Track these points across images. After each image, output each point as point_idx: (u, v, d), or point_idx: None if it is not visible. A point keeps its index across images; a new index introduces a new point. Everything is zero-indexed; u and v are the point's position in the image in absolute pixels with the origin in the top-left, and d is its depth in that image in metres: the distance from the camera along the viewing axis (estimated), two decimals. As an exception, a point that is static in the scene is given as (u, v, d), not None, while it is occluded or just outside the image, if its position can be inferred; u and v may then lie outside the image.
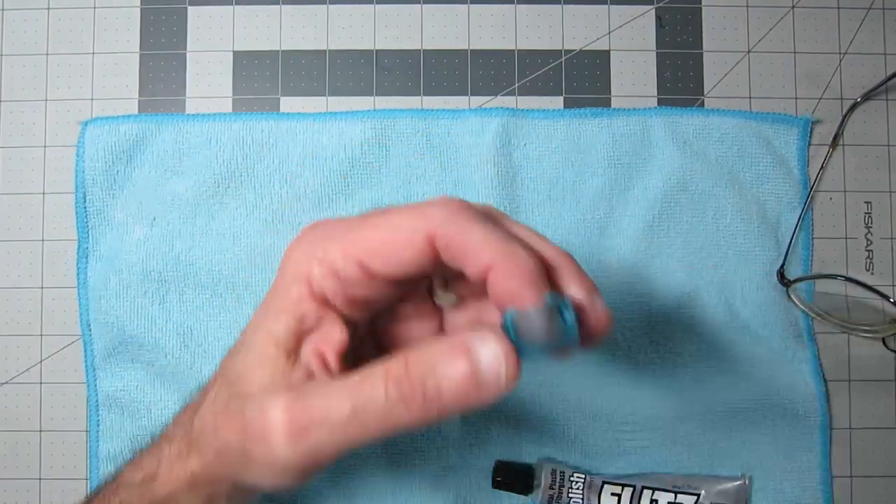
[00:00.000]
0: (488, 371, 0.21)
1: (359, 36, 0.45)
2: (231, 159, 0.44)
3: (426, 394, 0.21)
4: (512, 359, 0.22)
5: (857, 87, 0.45)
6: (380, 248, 0.24)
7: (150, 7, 0.45)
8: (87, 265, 0.44)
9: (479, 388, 0.22)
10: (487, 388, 0.22)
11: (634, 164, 0.44)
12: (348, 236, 0.24)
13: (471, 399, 0.22)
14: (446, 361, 0.22)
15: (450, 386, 0.21)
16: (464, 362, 0.22)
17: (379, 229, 0.24)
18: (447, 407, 0.22)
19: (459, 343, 0.22)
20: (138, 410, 0.43)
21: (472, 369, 0.21)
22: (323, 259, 0.24)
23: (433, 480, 0.43)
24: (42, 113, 0.45)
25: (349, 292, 0.24)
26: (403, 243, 0.23)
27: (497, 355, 0.22)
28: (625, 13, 0.45)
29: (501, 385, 0.22)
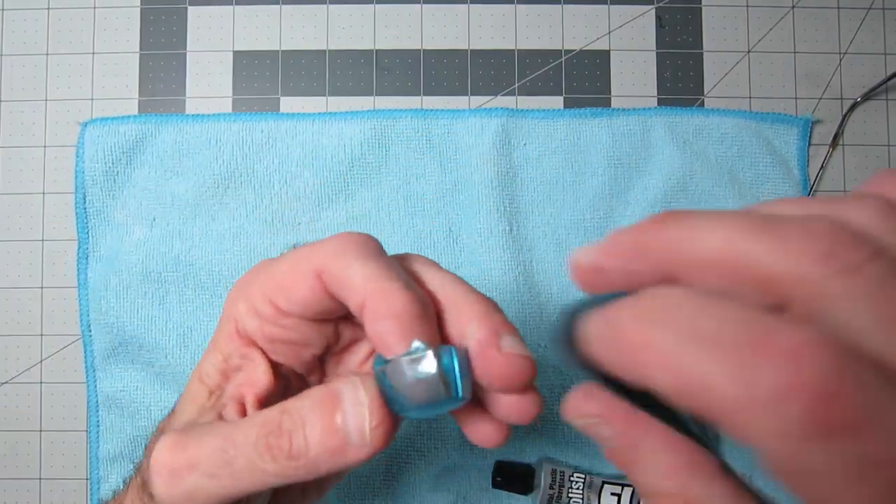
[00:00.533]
0: (352, 426, 0.20)
1: (359, 36, 0.45)
2: (231, 159, 0.44)
3: (292, 448, 0.20)
4: (378, 412, 0.20)
5: (857, 87, 0.45)
6: (281, 286, 0.23)
7: (150, 7, 0.45)
8: (87, 265, 0.44)
9: (345, 444, 0.20)
10: (353, 445, 0.20)
11: (634, 164, 0.44)
12: (262, 276, 0.24)
13: (338, 458, 0.20)
14: (315, 412, 0.20)
15: (316, 441, 0.20)
16: (329, 415, 0.20)
17: (281, 267, 0.23)
18: (316, 463, 0.20)
19: (331, 392, 0.20)
20: (138, 410, 0.43)
21: (338, 424, 0.20)
22: (247, 298, 0.24)
23: (433, 480, 0.43)
24: (42, 113, 0.45)
25: (267, 331, 0.24)
26: (299, 280, 0.22)
27: (360, 407, 0.20)
28: (625, 13, 0.45)
29: (366, 443, 0.20)
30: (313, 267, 0.22)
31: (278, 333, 0.24)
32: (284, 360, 0.25)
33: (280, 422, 0.21)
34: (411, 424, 0.43)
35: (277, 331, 0.24)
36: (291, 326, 0.23)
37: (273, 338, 0.24)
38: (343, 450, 0.20)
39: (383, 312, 0.20)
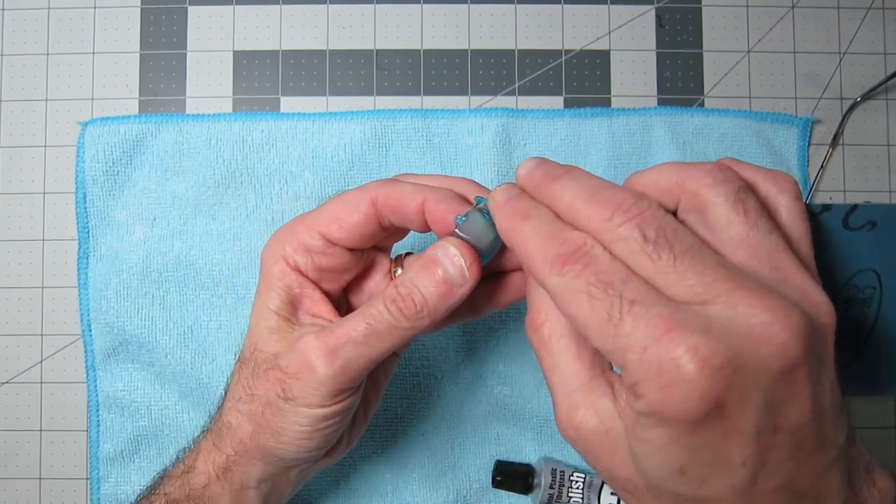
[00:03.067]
0: (454, 272, 0.27)
1: (359, 36, 0.45)
2: (231, 159, 0.44)
3: (416, 303, 0.27)
4: (469, 254, 0.27)
5: (856, 87, 0.45)
6: (334, 217, 0.29)
7: (150, 7, 0.45)
8: (87, 265, 0.44)
9: (452, 286, 0.27)
10: (458, 284, 0.27)
11: (634, 164, 0.44)
12: (310, 216, 0.30)
13: (450, 296, 0.27)
14: (422, 275, 0.27)
15: (431, 293, 0.27)
16: (434, 272, 0.27)
17: (333, 204, 0.30)
18: (436, 309, 0.27)
19: (428, 258, 0.27)
20: (138, 410, 0.43)
21: (443, 275, 0.27)
22: (293, 239, 0.30)
23: (434, 479, 0.43)
24: (42, 113, 0.45)
25: (317, 262, 0.30)
26: (351, 209, 0.29)
27: (456, 257, 0.27)
28: (625, 13, 0.45)
29: (467, 278, 0.27)
30: (369, 195, 0.29)
31: (326, 262, 0.30)
32: (327, 286, 0.31)
33: (399, 292, 0.27)
34: (412, 421, 0.43)
35: (326, 260, 0.30)
36: (337, 254, 0.30)
37: (322, 267, 0.30)
38: (452, 291, 0.27)
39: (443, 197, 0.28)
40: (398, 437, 0.43)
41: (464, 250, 0.27)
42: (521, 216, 0.24)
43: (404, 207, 0.29)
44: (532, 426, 0.43)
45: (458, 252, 0.27)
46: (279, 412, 0.29)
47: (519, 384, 0.43)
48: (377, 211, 0.29)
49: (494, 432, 0.44)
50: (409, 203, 0.29)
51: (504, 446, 0.44)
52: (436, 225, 0.29)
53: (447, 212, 0.28)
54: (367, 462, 0.43)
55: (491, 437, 0.44)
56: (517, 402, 0.44)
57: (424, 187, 0.29)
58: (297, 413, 0.29)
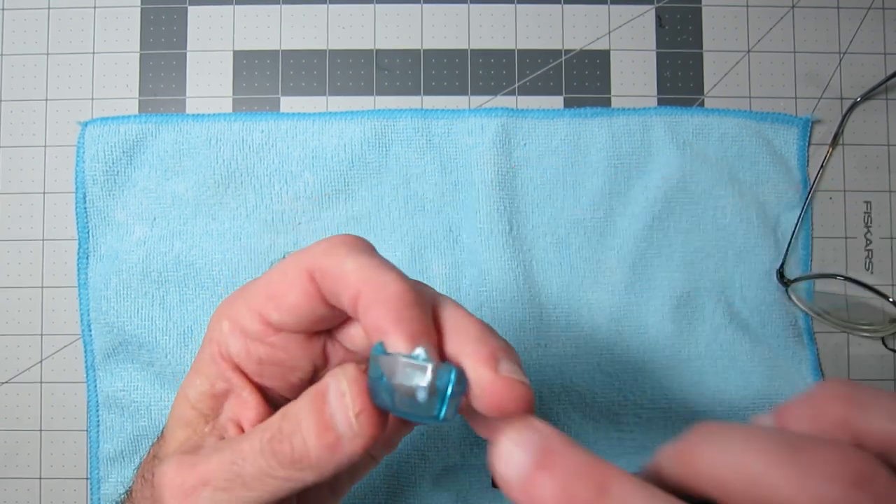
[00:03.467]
0: (339, 418, 0.19)
1: (359, 35, 0.45)
2: (231, 159, 0.44)
3: (294, 452, 0.20)
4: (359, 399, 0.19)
5: (856, 87, 0.45)
6: (270, 294, 0.22)
7: (150, 7, 0.45)
8: (87, 265, 0.44)
9: (337, 439, 0.19)
10: (345, 437, 0.19)
11: (634, 164, 0.44)
12: (247, 291, 0.23)
13: (337, 453, 0.20)
14: (308, 412, 0.20)
15: (312, 441, 0.20)
16: (320, 412, 0.20)
17: (270, 276, 0.23)
18: (319, 462, 0.20)
19: (320, 388, 0.20)
20: (138, 410, 0.43)
21: (327, 419, 0.19)
22: (231, 316, 0.23)
23: (433, 480, 0.43)
24: (42, 113, 0.45)
25: (254, 351, 0.23)
26: (289, 285, 0.22)
27: (343, 397, 0.19)
28: (625, 13, 0.45)
29: (356, 433, 0.19)
30: (305, 267, 0.21)
31: (266, 353, 0.23)
32: (271, 383, 0.24)
33: (280, 427, 0.20)
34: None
35: (265, 350, 0.23)
36: (280, 345, 0.23)
37: (260, 358, 0.23)
38: (338, 444, 0.19)
39: (380, 298, 0.19)
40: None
41: (355, 390, 0.19)
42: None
43: (338, 294, 0.21)
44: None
45: (346, 389, 0.19)
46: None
47: None
48: (317, 286, 0.21)
49: (494, 432, 0.44)
50: (343, 290, 0.20)
51: (504, 446, 0.44)
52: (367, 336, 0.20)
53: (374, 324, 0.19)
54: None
55: (491, 437, 0.44)
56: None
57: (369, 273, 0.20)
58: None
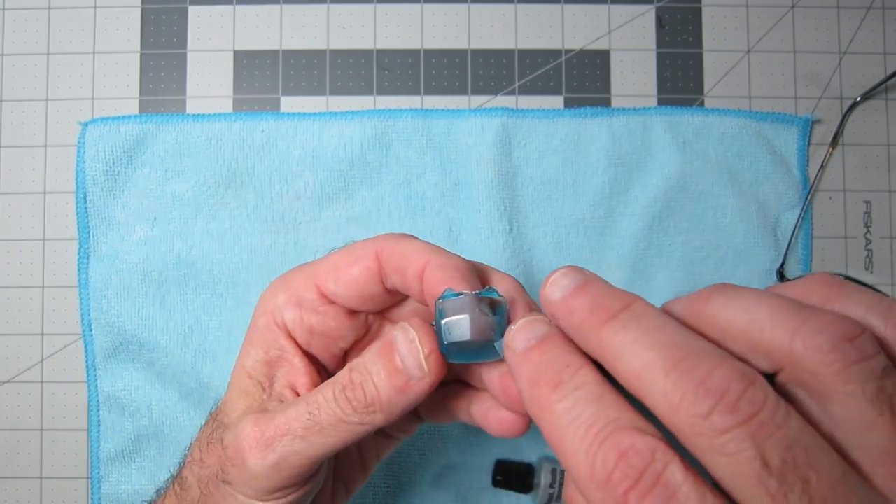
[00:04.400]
0: (410, 362, 0.22)
1: (359, 35, 0.45)
2: (231, 159, 0.44)
3: (367, 395, 0.23)
4: (428, 342, 0.22)
5: (856, 87, 0.45)
6: (332, 267, 0.25)
7: (150, 7, 0.45)
8: (87, 265, 0.44)
9: (408, 379, 0.22)
10: (415, 379, 0.22)
11: (634, 164, 0.44)
12: (312, 266, 0.26)
13: (406, 391, 0.22)
14: (377, 361, 0.23)
15: (384, 385, 0.22)
16: (389, 359, 0.22)
17: (337, 254, 0.26)
18: (390, 404, 0.23)
19: (387, 340, 0.23)
20: (139, 410, 0.43)
21: (398, 364, 0.22)
22: (286, 289, 0.26)
23: (433, 479, 0.43)
24: (42, 113, 0.45)
25: (307, 321, 0.26)
26: (352, 260, 0.25)
27: (412, 343, 0.22)
28: (625, 13, 0.45)
29: (425, 372, 0.22)
30: (374, 247, 0.25)
31: (317, 322, 0.26)
32: (317, 352, 0.27)
33: (350, 378, 0.23)
34: (411, 424, 0.44)
35: (317, 319, 0.26)
36: (332, 315, 0.26)
37: (311, 327, 0.26)
38: (408, 385, 0.22)
39: (448, 265, 0.23)
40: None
41: (424, 336, 0.22)
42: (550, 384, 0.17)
43: (405, 268, 0.24)
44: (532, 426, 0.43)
45: (416, 336, 0.22)
46: (218, 490, 0.25)
47: None
48: (380, 267, 0.25)
49: (494, 432, 0.44)
50: (411, 263, 0.24)
51: (504, 446, 0.44)
52: (429, 295, 0.23)
53: (442, 282, 0.23)
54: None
55: (491, 437, 0.44)
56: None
57: (435, 250, 0.24)
58: (235, 499, 0.25)
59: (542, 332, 0.18)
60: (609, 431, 0.15)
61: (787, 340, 0.16)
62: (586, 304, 0.17)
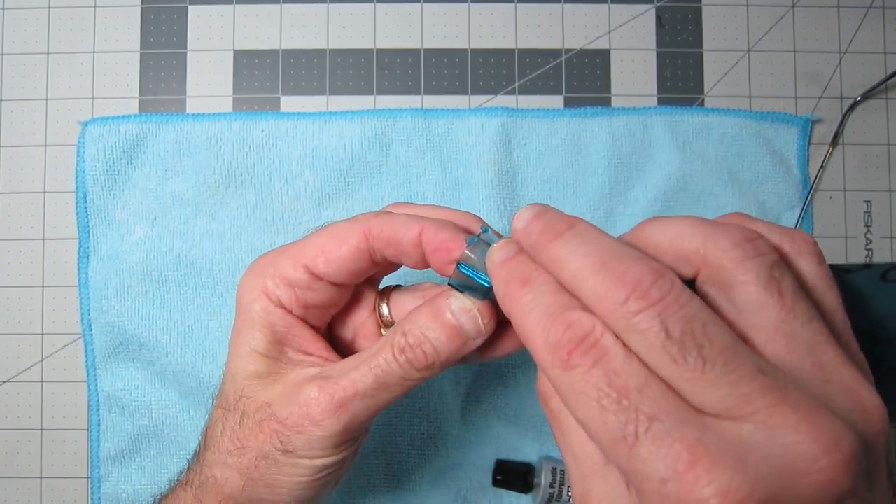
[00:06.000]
0: (470, 328, 0.26)
1: (359, 35, 0.45)
2: (231, 159, 0.44)
3: (427, 355, 0.26)
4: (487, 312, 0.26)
5: (857, 86, 0.45)
6: (320, 250, 0.27)
7: (150, 6, 0.45)
8: (87, 264, 0.44)
9: (466, 339, 0.26)
10: (471, 338, 0.26)
11: (634, 163, 0.44)
12: (294, 248, 0.28)
13: (463, 349, 0.26)
14: (433, 326, 0.26)
15: (443, 344, 0.26)
16: (445, 324, 0.26)
17: (320, 236, 0.28)
18: (448, 360, 0.26)
19: (440, 309, 0.26)
20: (139, 409, 0.43)
21: (456, 329, 0.26)
22: (274, 273, 0.28)
23: (433, 479, 0.43)
24: (42, 112, 0.45)
25: (301, 298, 0.28)
26: (340, 241, 0.27)
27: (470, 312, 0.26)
28: (625, 12, 0.45)
29: (482, 333, 0.26)
30: (360, 227, 0.27)
31: (312, 298, 0.28)
32: (312, 320, 0.29)
33: (407, 342, 0.26)
34: (412, 421, 0.43)
35: (311, 295, 0.28)
36: (323, 290, 0.28)
37: (307, 303, 0.28)
38: (465, 344, 0.26)
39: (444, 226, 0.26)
40: (397, 436, 0.44)
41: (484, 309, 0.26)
42: (519, 281, 0.21)
43: (400, 240, 0.27)
44: (532, 426, 0.44)
45: (473, 307, 0.26)
46: (276, 464, 0.27)
47: (520, 384, 0.44)
48: (369, 244, 0.27)
49: (494, 432, 0.44)
50: (405, 234, 0.26)
51: (504, 446, 0.44)
52: (435, 255, 0.26)
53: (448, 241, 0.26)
54: (366, 462, 0.43)
55: (491, 437, 0.44)
56: (517, 402, 0.44)
57: (421, 217, 0.27)
58: (297, 465, 0.27)
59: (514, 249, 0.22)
60: (560, 311, 0.19)
61: (701, 244, 0.20)
62: (539, 227, 0.21)
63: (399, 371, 0.26)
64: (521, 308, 0.20)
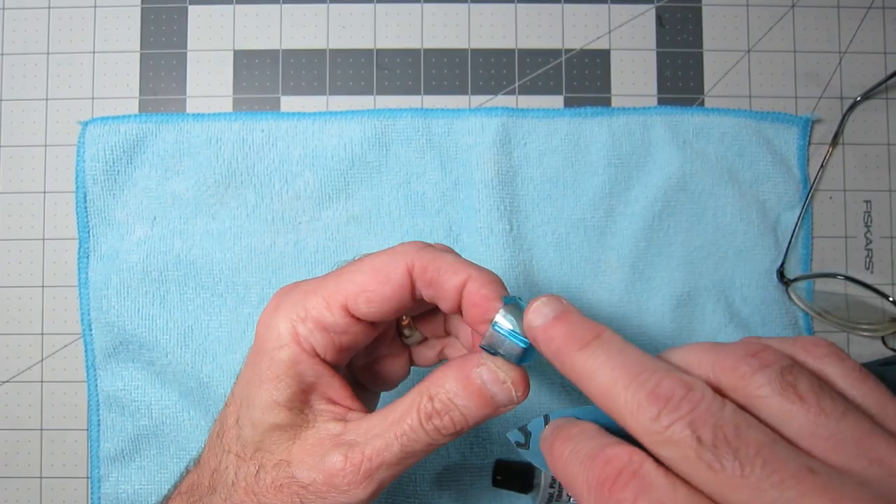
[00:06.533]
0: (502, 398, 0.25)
1: (359, 35, 0.45)
2: (231, 159, 0.44)
3: (455, 422, 0.25)
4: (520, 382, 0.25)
5: (856, 86, 0.45)
6: (362, 290, 0.26)
7: (150, 6, 0.45)
8: (87, 264, 0.44)
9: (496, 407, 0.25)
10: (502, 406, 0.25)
11: (634, 164, 0.44)
12: (328, 287, 0.26)
13: (492, 415, 0.26)
14: (462, 395, 0.25)
15: (471, 412, 0.25)
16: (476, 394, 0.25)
17: (358, 273, 0.26)
18: (475, 424, 0.26)
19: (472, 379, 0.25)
20: (139, 409, 0.43)
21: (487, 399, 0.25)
22: (306, 317, 0.26)
23: (433, 479, 0.43)
24: (42, 112, 0.45)
25: (337, 342, 0.26)
26: (383, 279, 0.26)
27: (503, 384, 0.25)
28: (625, 12, 0.45)
29: (514, 399, 0.25)
30: (404, 262, 0.26)
31: (348, 341, 0.26)
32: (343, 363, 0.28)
33: (434, 408, 0.25)
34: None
35: (348, 339, 0.26)
36: (361, 332, 0.27)
37: (342, 346, 0.26)
38: (495, 411, 0.25)
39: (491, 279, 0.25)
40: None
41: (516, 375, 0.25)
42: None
43: (443, 283, 0.25)
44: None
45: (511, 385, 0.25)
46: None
47: None
48: (412, 280, 0.26)
49: (494, 432, 0.44)
50: (450, 279, 0.25)
51: (504, 446, 0.44)
52: (474, 310, 0.25)
53: (489, 299, 0.25)
54: None
55: (491, 437, 0.44)
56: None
57: (468, 265, 0.26)
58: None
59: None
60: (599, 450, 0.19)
61: (710, 370, 0.20)
62: (563, 333, 0.21)
63: (426, 438, 0.25)
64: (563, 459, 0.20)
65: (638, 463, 0.18)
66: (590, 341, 0.20)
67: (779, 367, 0.19)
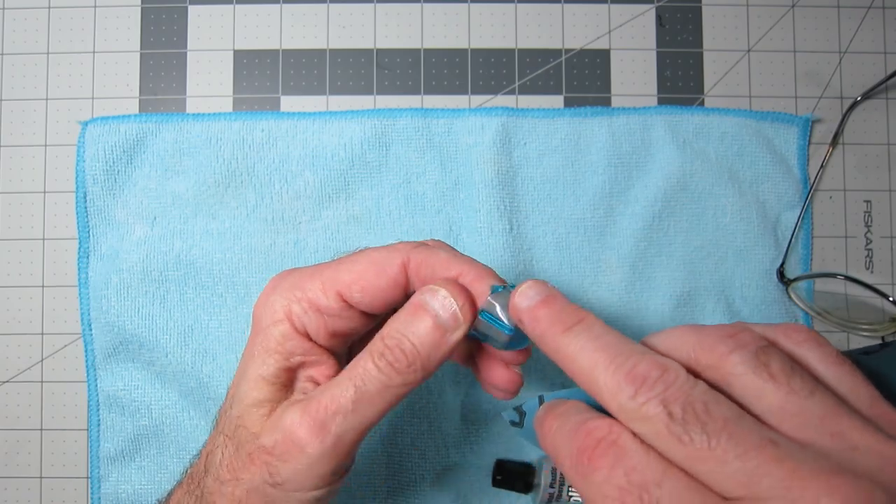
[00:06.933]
0: (446, 316, 0.25)
1: (359, 35, 0.45)
2: (231, 158, 0.44)
3: (406, 355, 0.25)
4: (461, 294, 0.25)
5: (857, 86, 0.45)
6: (357, 278, 0.27)
7: (150, 6, 0.45)
8: (87, 264, 0.44)
9: (444, 332, 0.25)
10: (450, 329, 0.25)
11: (634, 163, 0.44)
12: (326, 273, 0.27)
13: (443, 344, 0.25)
14: (410, 322, 0.25)
15: (422, 341, 0.25)
16: (422, 317, 0.25)
17: (356, 263, 0.27)
18: (429, 359, 0.25)
19: (415, 303, 0.25)
20: (138, 409, 0.43)
21: (434, 321, 0.25)
22: (302, 297, 0.27)
23: (433, 479, 0.43)
24: (42, 112, 0.45)
25: (330, 325, 0.27)
26: (378, 271, 0.27)
27: (447, 298, 0.25)
28: (625, 12, 0.45)
29: (461, 322, 0.25)
30: (399, 258, 0.26)
31: (340, 326, 0.27)
32: (333, 346, 0.28)
33: (385, 344, 0.25)
34: (411, 420, 0.43)
35: (340, 323, 0.27)
36: (354, 318, 0.27)
37: (334, 331, 0.27)
38: (445, 337, 0.25)
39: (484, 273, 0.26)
40: (397, 436, 0.44)
41: (455, 290, 0.25)
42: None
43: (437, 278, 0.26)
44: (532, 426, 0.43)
45: (447, 293, 0.25)
46: (265, 498, 0.25)
47: None
48: (406, 276, 0.27)
49: (494, 432, 0.44)
50: (443, 274, 0.26)
51: (504, 446, 0.44)
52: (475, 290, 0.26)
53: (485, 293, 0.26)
54: (365, 462, 0.43)
55: (491, 437, 0.44)
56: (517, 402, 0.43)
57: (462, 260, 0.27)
58: (288, 499, 0.25)
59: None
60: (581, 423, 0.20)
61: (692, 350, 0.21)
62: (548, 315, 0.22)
63: (380, 377, 0.25)
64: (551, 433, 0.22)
65: (616, 434, 0.19)
66: (573, 325, 0.22)
67: (754, 347, 0.20)
